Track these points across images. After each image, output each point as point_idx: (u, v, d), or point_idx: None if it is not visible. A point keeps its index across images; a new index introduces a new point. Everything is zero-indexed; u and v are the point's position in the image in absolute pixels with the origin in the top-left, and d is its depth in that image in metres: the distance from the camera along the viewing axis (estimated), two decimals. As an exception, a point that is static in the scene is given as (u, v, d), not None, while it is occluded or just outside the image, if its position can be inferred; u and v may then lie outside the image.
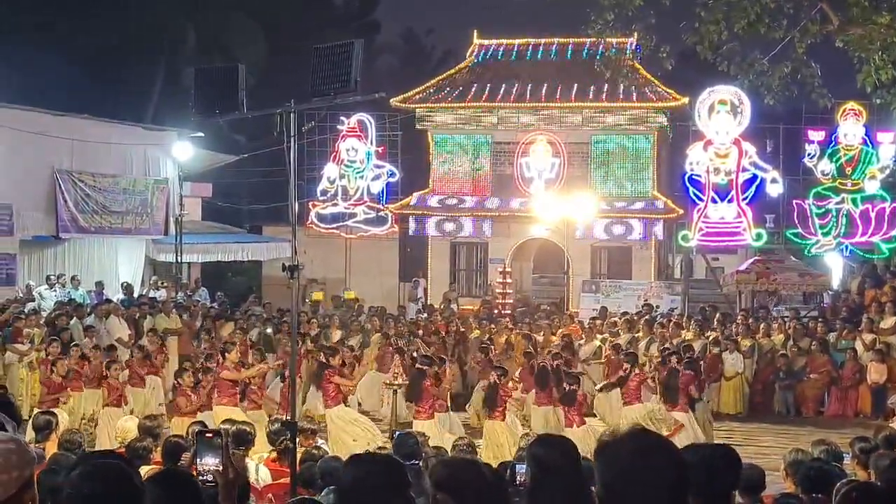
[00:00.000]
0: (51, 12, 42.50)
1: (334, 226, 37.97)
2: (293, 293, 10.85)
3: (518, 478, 5.86)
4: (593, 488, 4.01)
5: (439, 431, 18.12)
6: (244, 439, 11.77)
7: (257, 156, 39.40)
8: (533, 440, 5.83)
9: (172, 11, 45.46)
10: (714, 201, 32.43)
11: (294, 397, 11.03)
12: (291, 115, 10.32)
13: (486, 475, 4.77)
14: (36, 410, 15.57)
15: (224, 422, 13.54)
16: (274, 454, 12.48)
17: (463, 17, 50.13)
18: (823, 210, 32.27)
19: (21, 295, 28.66)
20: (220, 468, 5.68)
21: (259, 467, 12.28)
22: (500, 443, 18.26)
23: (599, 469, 3.87)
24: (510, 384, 20.21)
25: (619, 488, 3.76)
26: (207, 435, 6.16)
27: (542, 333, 26.40)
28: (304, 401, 21.19)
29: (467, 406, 22.46)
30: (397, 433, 12.55)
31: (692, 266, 39.68)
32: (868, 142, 32.34)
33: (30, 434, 11.52)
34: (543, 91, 36.47)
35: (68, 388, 19.22)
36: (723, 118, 32.35)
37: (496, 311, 32.50)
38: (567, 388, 18.94)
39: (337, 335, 25.83)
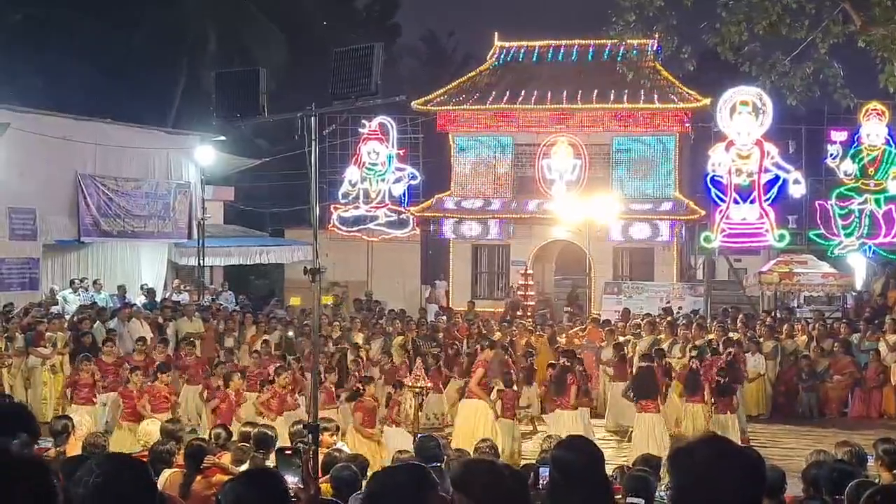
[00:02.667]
0: (72, 16, 42.67)
1: (356, 229, 37.99)
2: (314, 296, 10.85)
3: (541, 481, 5.86)
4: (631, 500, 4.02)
5: (583, 424, 18.99)
6: (265, 442, 11.81)
7: (279, 159, 39.51)
8: (557, 442, 5.83)
9: (194, 15, 45.60)
10: (736, 202, 32.32)
11: (316, 399, 11.02)
12: (312, 118, 10.32)
13: (506, 477, 4.76)
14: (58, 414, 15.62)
15: (245, 425, 13.56)
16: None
17: (484, 20, 50.26)
18: (846, 211, 32.14)
19: (45, 299, 28.80)
20: (302, 485, 5.68)
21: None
22: (652, 434, 18.71)
23: (676, 472, 3.89)
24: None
25: (695, 492, 3.78)
26: (287, 452, 6.17)
27: (564, 335, 26.39)
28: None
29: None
30: (419, 436, 12.54)
31: (714, 267, 39.55)
32: (891, 142, 32.22)
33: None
34: (565, 93, 36.41)
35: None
36: (745, 119, 32.24)
37: (520, 312, 32.48)
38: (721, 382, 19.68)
39: (360, 338, 25.86)
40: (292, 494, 5.43)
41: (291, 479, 5.81)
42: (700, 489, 3.76)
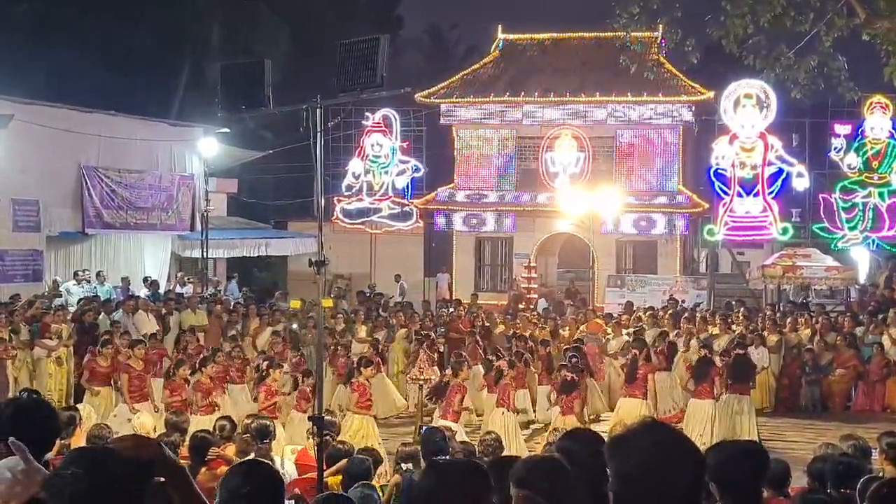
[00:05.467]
0: (76, 10, 42.67)
1: (359, 221, 38.00)
2: (319, 288, 10.87)
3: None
4: None
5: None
6: (265, 434, 11.83)
7: (282, 151, 39.49)
8: (562, 433, 5.84)
9: (198, 8, 45.57)
10: (740, 195, 32.31)
11: (321, 391, 11.05)
12: (317, 110, 10.34)
13: (569, 473, 4.77)
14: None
15: (246, 417, 13.60)
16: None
17: (487, 12, 50.21)
18: (850, 204, 32.13)
19: (48, 290, 28.79)
20: None
21: (284, 462, 12.38)
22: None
23: (617, 461, 3.83)
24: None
25: (638, 480, 3.75)
26: None
27: (567, 328, 26.41)
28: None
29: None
30: (424, 428, 12.54)
31: (718, 260, 39.58)
32: (895, 135, 32.17)
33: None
34: (568, 85, 36.43)
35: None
36: (749, 112, 32.23)
37: (522, 305, 32.49)
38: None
39: (363, 330, 25.85)
40: None
41: None
42: (642, 476, 3.73)
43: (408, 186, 38.14)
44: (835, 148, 32.49)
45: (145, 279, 32.52)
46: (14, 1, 41.84)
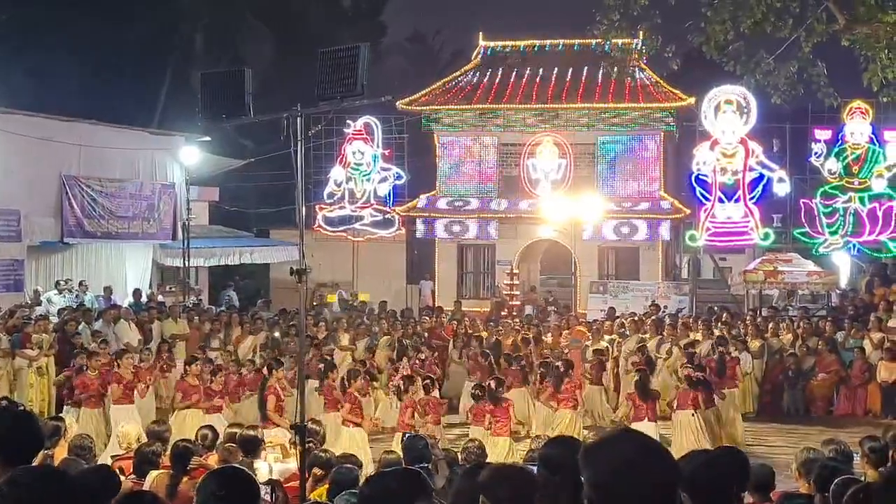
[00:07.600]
0: (59, 16, 42.54)
1: (341, 229, 37.90)
2: (301, 296, 10.85)
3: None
4: None
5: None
6: (251, 445, 11.79)
7: (263, 159, 39.41)
8: (545, 441, 5.84)
9: (181, 14, 45.51)
10: (721, 201, 32.35)
11: (303, 399, 11.01)
12: (298, 118, 10.32)
13: (534, 483, 4.78)
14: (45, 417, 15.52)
15: (231, 426, 13.55)
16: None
17: (470, 19, 50.28)
18: (831, 209, 32.20)
19: (29, 300, 28.68)
20: None
21: (273, 467, 12.37)
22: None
23: (592, 470, 3.82)
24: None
25: (613, 488, 3.74)
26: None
27: (549, 334, 26.43)
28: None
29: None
30: (406, 435, 12.51)
31: (700, 266, 39.60)
32: (875, 140, 32.27)
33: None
34: (549, 92, 36.44)
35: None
36: (729, 118, 32.27)
37: (505, 312, 32.50)
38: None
39: (345, 338, 25.82)
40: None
41: None
42: (617, 485, 3.73)
43: (390, 194, 38.05)
44: (815, 153, 32.54)
45: (135, 291, 32.44)
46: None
